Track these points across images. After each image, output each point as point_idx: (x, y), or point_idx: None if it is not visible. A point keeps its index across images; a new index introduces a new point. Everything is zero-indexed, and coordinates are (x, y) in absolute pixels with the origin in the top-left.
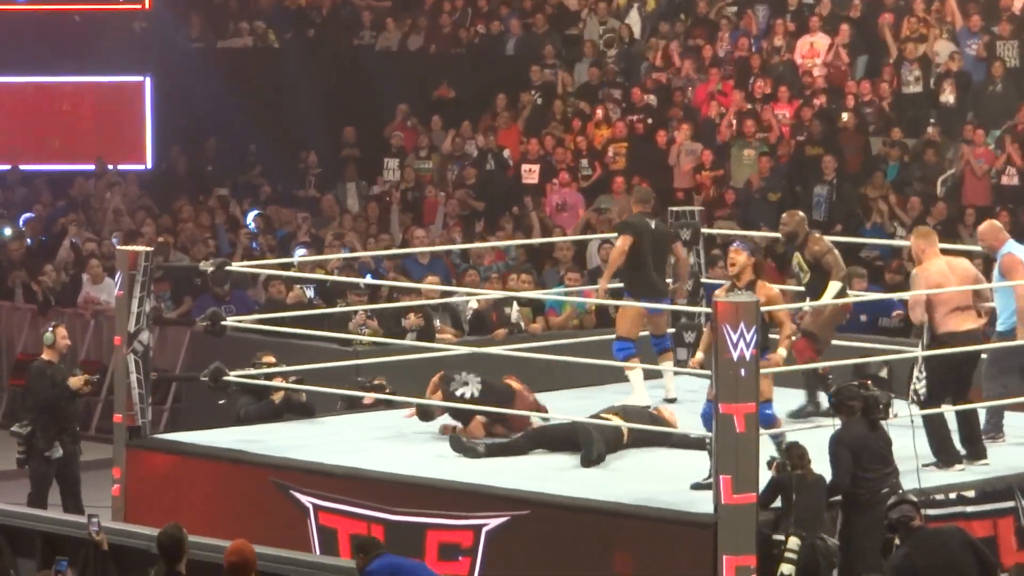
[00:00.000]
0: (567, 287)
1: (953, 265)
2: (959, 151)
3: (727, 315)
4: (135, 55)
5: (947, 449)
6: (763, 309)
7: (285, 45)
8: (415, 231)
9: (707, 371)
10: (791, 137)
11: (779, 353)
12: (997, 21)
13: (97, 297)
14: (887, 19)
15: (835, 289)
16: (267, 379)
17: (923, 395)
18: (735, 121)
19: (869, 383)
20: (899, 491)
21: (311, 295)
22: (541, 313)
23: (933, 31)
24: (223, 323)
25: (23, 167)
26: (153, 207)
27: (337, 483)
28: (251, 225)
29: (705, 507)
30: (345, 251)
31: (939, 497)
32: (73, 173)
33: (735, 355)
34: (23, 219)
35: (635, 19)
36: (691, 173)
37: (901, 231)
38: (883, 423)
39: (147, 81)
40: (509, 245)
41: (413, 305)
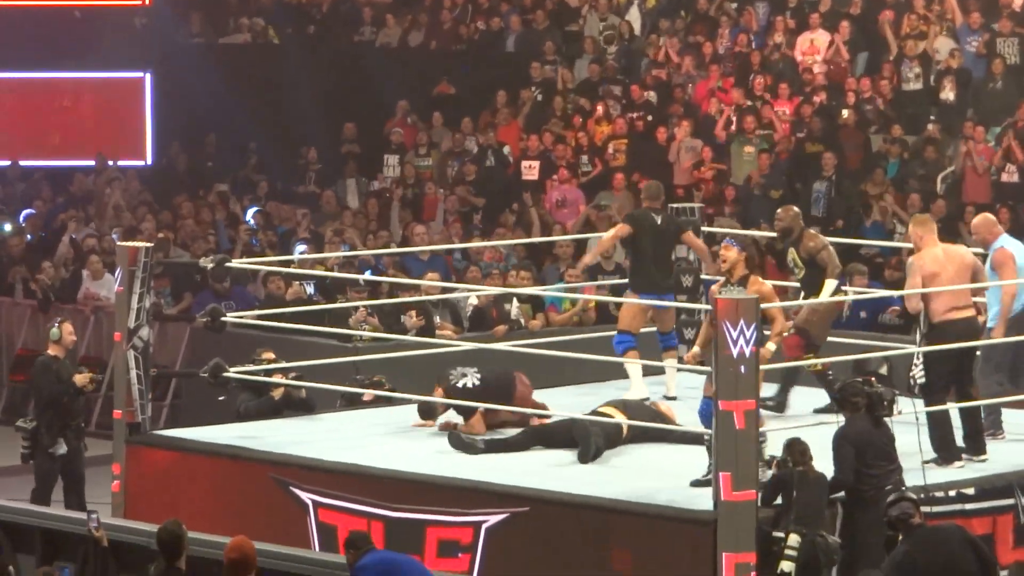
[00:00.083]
0: (567, 283)
1: (950, 253)
2: (959, 148)
3: (727, 312)
4: (135, 51)
5: (948, 446)
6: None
7: (285, 41)
8: (415, 227)
9: (704, 367)
10: (791, 134)
11: (767, 348)
12: (997, 18)
13: (97, 293)
14: (887, 16)
15: (831, 288)
16: (267, 375)
17: (920, 382)
18: (735, 118)
19: (873, 379)
20: (902, 488)
21: (311, 291)
22: (541, 310)
23: (933, 28)
24: (223, 319)
25: (23, 163)
26: (153, 203)
27: (337, 480)
28: (251, 221)
29: (705, 504)
30: (345, 248)
31: (939, 494)
32: (73, 169)
33: (735, 352)
34: (23, 215)
35: (635, 16)
36: (691, 170)
37: (901, 228)
38: (887, 420)
39: (147, 77)
40: (508, 244)
41: (413, 301)
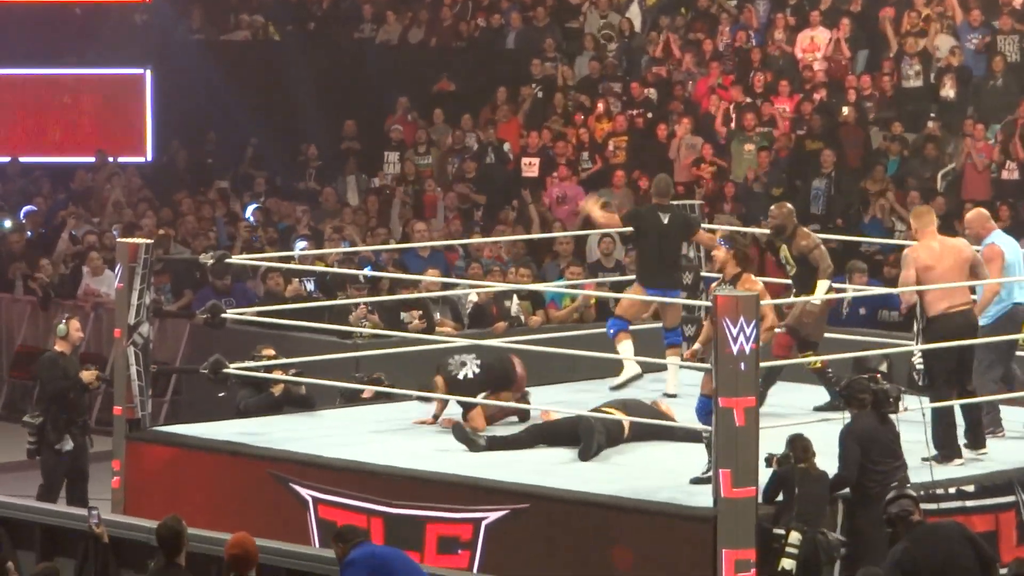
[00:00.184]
0: (568, 280)
1: (948, 247)
2: (959, 146)
3: (727, 309)
4: (136, 48)
5: (950, 444)
6: None
7: (285, 38)
8: (415, 224)
9: (704, 364)
10: (791, 131)
11: (695, 348)
12: (998, 16)
13: (97, 289)
14: (888, 13)
15: (824, 288)
16: (267, 372)
17: (921, 370)
18: (735, 115)
19: (879, 376)
20: (907, 485)
21: (311, 288)
22: (541, 306)
23: (934, 25)
24: (223, 316)
25: (23, 159)
26: (153, 200)
27: (337, 476)
28: (250, 218)
29: (704, 501)
30: (345, 244)
31: (939, 492)
32: (73, 165)
33: (735, 349)
34: (24, 212)
35: (635, 13)
36: (691, 167)
37: (901, 226)
38: (892, 416)
39: (147, 74)
40: (507, 240)
41: (413, 298)
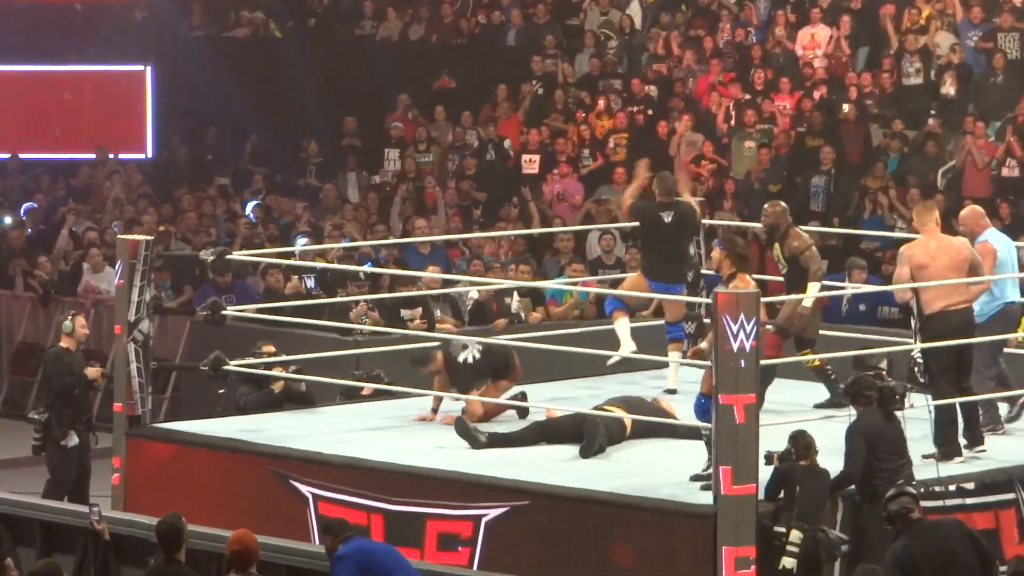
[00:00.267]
0: (569, 278)
1: (945, 245)
2: (960, 143)
3: (727, 306)
4: (136, 44)
5: (951, 442)
6: None
7: (286, 35)
8: (416, 221)
9: (706, 362)
10: (791, 128)
11: (701, 346)
12: (998, 13)
13: (97, 286)
14: (888, 10)
15: (814, 290)
16: (267, 368)
17: (921, 367)
18: (735, 112)
19: (884, 373)
20: (912, 482)
21: (311, 285)
22: (541, 303)
23: (934, 23)
24: (223, 312)
25: (23, 156)
26: (153, 196)
27: (337, 473)
28: (250, 215)
29: (705, 498)
30: (345, 241)
31: (938, 489)
32: (73, 162)
33: (735, 346)
34: (24, 208)
35: (636, 10)
36: (691, 164)
37: (901, 223)
38: (897, 413)
39: (148, 70)
40: (508, 235)
41: (413, 295)
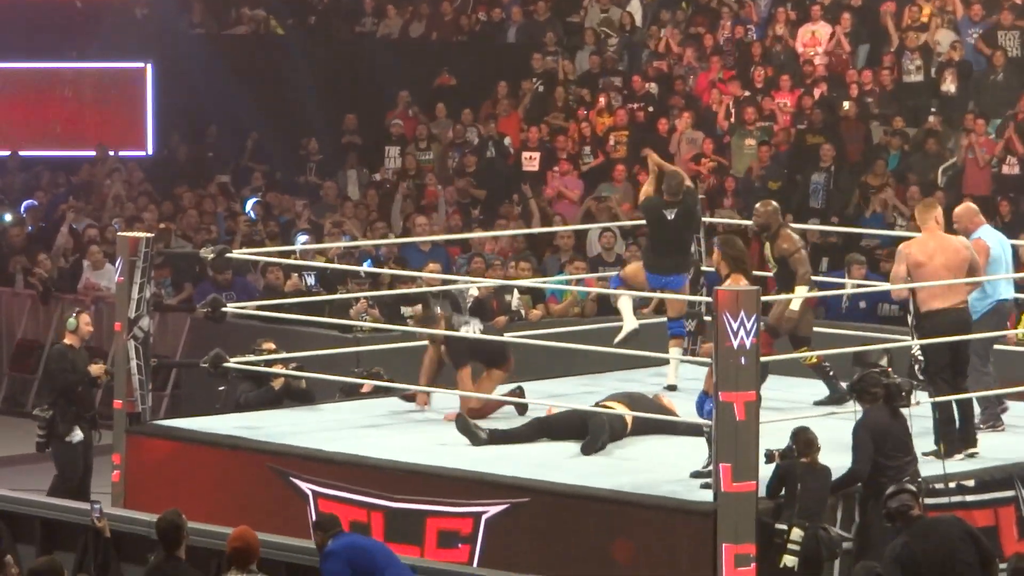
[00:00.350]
0: (570, 275)
1: (943, 244)
2: (960, 140)
3: (727, 303)
4: (137, 41)
5: (948, 439)
6: None
7: (287, 32)
8: (416, 218)
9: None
10: (792, 126)
11: (709, 345)
12: (998, 10)
13: (97, 283)
14: (888, 8)
15: (802, 293)
16: (267, 366)
17: (922, 363)
18: (735, 110)
19: (890, 370)
20: (919, 479)
21: (311, 282)
22: (542, 301)
23: (935, 20)
24: (223, 310)
25: (23, 153)
26: (154, 193)
27: (337, 470)
28: (250, 212)
29: (705, 495)
30: (345, 238)
31: (938, 486)
32: (73, 159)
33: (735, 343)
34: (24, 206)
35: (636, 7)
36: (692, 161)
37: (901, 221)
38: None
39: (148, 67)
40: (508, 234)
41: (414, 293)
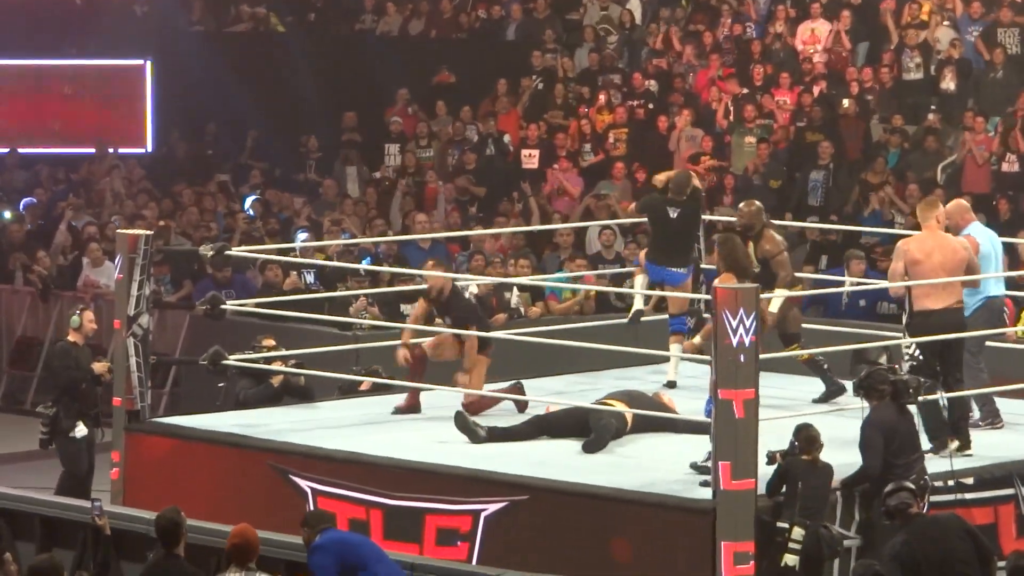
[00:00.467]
0: (569, 273)
1: (941, 243)
2: (960, 138)
3: (726, 301)
4: (136, 38)
5: (940, 434)
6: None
7: (286, 30)
8: (416, 216)
9: (704, 356)
10: (791, 123)
11: (694, 341)
12: (998, 8)
13: (97, 280)
14: (888, 5)
15: (781, 296)
16: (266, 363)
17: (916, 360)
18: (734, 107)
19: (897, 367)
20: (925, 476)
21: (311, 280)
22: (541, 298)
23: (934, 18)
24: (223, 307)
25: (23, 150)
26: (153, 191)
27: (336, 467)
28: (249, 210)
29: (704, 493)
30: (345, 236)
31: (937, 484)
32: (73, 156)
33: (734, 341)
34: (24, 203)
35: (636, 4)
36: (690, 161)
37: (900, 219)
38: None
39: (148, 65)
40: (507, 232)
41: (414, 290)
